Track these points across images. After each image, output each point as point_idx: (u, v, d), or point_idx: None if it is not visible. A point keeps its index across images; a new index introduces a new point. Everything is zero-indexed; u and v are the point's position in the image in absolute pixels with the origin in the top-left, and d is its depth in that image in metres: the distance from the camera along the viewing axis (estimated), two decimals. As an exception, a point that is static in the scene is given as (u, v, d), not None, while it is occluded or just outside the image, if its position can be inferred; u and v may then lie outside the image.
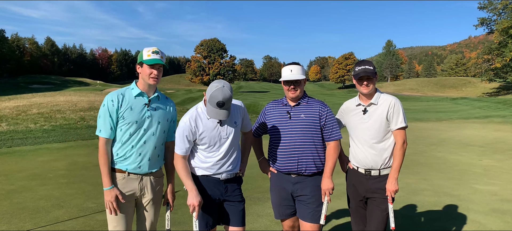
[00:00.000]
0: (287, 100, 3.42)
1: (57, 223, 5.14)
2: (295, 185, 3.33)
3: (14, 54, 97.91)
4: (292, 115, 3.33)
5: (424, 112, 29.75)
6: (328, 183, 3.26)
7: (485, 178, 8.00)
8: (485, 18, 61.34)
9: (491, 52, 61.48)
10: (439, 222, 5.35)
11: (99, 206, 5.90)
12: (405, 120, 3.33)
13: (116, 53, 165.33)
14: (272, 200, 3.56)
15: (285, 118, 3.35)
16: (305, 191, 3.31)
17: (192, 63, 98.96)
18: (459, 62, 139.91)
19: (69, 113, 17.89)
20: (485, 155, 10.81)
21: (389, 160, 3.36)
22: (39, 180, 7.44)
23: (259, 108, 33.42)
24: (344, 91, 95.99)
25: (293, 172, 3.31)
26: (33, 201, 6.13)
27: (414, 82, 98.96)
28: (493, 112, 27.44)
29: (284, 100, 3.46)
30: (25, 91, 52.21)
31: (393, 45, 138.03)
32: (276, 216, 3.55)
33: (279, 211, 3.50)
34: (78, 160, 9.50)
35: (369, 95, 3.38)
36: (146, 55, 2.95)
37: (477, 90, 73.75)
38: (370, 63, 3.37)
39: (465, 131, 16.80)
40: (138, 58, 3.00)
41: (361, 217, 3.56)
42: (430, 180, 7.81)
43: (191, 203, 2.95)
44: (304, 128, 3.28)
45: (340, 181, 3.67)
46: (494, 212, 5.72)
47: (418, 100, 55.05)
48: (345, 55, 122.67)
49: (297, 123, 3.30)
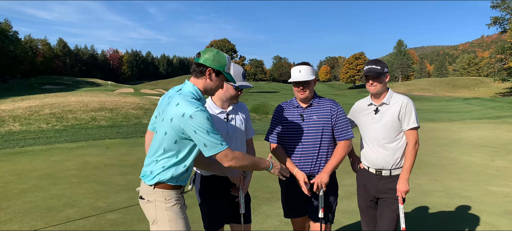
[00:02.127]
0: (298, 102, 3.37)
1: (68, 222, 5.19)
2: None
3: (27, 55, 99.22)
4: (305, 117, 3.28)
5: (436, 113, 29.46)
6: (324, 177, 3.16)
7: (498, 179, 7.88)
8: (498, 17, 60.64)
9: (504, 52, 60.70)
10: (451, 224, 5.28)
11: (109, 205, 5.94)
12: (417, 120, 3.30)
13: (127, 54, 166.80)
14: (282, 199, 3.54)
15: (298, 120, 3.30)
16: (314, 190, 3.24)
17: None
18: (471, 62, 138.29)
19: (80, 114, 18.08)
20: (498, 156, 10.65)
21: (400, 161, 3.33)
22: (51, 180, 7.53)
23: (269, 108, 33.48)
24: (354, 91, 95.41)
25: (306, 174, 3.25)
26: (45, 200, 6.20)
27: (426, 82, 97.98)
28: (507, 113, 27.04)
29: (294, 102, 3.40)
30: (37, 92, 52.94)
31: (404, 45, 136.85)
32: (285, 215, 3.55)
33: (288, 210, 3.48)
34: (89, 160, 9.59)
35: (378, 94, 3.35)
36: (234, 76, 2.97)
37: (490, 90, 72.76)
38: (378, 62, 3.34)
39: (478, 131, 16.57)
40: (219, 66, 2.53)
41: (372, 217, 3.53)
42: (442, 181, 7.72)
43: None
44: (317, 130, 3.23)
45: (351, 181, 3.64)
46: (507, 214, 5.63)
47: (429, 100, 54.52)
48: (355, 55, 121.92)
49: (311, 125, 3.25)
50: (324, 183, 3.16)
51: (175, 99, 2.42)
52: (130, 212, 5.64)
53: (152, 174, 2.49)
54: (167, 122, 2.41)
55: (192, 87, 2.52)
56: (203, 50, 2.54)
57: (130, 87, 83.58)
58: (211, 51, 2.52)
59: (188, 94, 2.47)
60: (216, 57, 2.50)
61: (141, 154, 10.46)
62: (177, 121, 2.35)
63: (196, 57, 2.53)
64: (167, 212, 2.49)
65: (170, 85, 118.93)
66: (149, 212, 2.55)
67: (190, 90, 2.50)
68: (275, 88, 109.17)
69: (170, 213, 2.48)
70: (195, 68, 2.53)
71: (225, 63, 2.54)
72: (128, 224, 5.14)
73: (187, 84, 2.56)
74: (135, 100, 26.09)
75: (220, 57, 2.52)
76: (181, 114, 2.34)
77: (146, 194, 2.54)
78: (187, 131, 2.36)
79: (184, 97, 2.42)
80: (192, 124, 2.32)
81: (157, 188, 2.49)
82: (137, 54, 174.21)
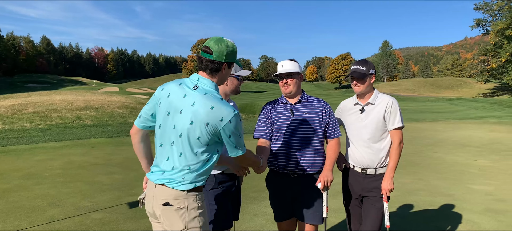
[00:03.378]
0: (286, 98, 3.35)
1: (53, 222, 5.13)
2: (294, 186, 3.25)
3: (10, 53, 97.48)
4: (295, 113, 3.26)
5: (420, 113, 29.88)
6: (329, 175, 3.15)
7: (481, 178, 8.05)
8: (481, 19, 61.76)
9: (487, 53, 61.90)
10: (434, 221, 5.38)
11: (95, 205, 5.89)
12: (402, 120, 3.36)
13: (112, 53, 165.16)
14: (272, 202, 3.46)
15: (287, 116, 3.27)
16: (305, 191, 3.23)
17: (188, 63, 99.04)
18: (455, 63, 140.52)
19: (65, 112, 17.83)
20: (481, 155, 10.87)
21: (385, 160, 3.38)
22: (35, 179, 7.42)
23: (256, 108, 33.42)
24: (340, 92, 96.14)
25: (293, 171, 3.23)
26: (29, 200, 6.11)
27: (411, 82, 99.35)
28: (489, 113, 27.59)
29: (283, 99, 3.38)
30: (21, 90, 52.01)
31: (389, 46, 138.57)
32: (275, 218, 3.46)
33: (278, 213, 3.41)
34: (74, 159, 9.48)
35: (362, 94, 3.40)
36: None
37: (473, 90, 74.13)
38: (364, 63, 3.38)
39: (461, 131, 16.88)
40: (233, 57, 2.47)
41: (357, 215, 3.58)
42: (426, 180, 7.84)
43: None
44: (308, 126, 3.22)
45: (336, 179, 3.68)
46: (489, 212, 5.76)
47: (414, 100, 55.26)
48: (341, 56, 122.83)
49: (301, 121, 3.23)
50: (330, 181, 3.14)
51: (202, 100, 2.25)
52: (116, 211, 5.60)
53: (184, 180, 2.30)
54: (199, 126, 2.23)
55: (212, 84, 2.37)
56: (209, 42, 2.36)
57: (115, 86, 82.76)
58: (220, 43, 2.35)
59: (214, 93, 2.33)
60: (228, 50, 2.36)
61: (127, 153, 10.38)
62: (215, 125, 2.24)
63: (206, 53, 2.35)
64: (199, 217, 2.34)
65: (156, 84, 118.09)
66: (176, 220, 2.29)
67: (212, 89, 2.35)
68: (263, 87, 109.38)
69: (201, 219, 2.35)
70: (209, 64, 2.35)
71: (236, 52, 2.45)
72: (114, 224, 5.10)
73: (204, 81, 2.36)
74: (121, 99, 25.84)
75: (232, 48, 2.39)
76: (220, 118, 2.23)
77: (176, 200, 2.29)
78: (222, 134, 2.28)
79: (215, 98, 2.28)
80: (230, 128, 2.27)
81: (190, 192, 2.32)
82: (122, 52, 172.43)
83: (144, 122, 2.50)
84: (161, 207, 2.31)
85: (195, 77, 2.38)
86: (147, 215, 5.47)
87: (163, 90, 2.41)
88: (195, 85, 2.34)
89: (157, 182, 2.34)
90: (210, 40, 2.36)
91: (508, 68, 56.25)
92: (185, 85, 2.35)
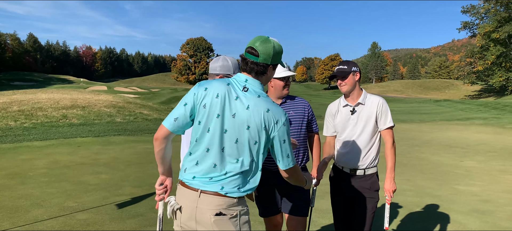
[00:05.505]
0: (272, 99, 3.33)
1: (36, 223, 5.03)
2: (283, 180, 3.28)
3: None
4: None
5: (408, 114, 30.15)
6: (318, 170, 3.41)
7: (467, 179, 8.13)
8: (468, 22, 62.59)
9: (474, 55, 62.84)
10: (421, 222, 5.41)
11: (80, 205, 5.79)
12: (392, 120, 3.37)
13: (100, 51, 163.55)
14: (259, 197, 3.48)
15: None
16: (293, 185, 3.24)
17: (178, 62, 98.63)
18: (442, 65, 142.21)
19: (51, 111, 17.56)
20: (467, 156, 10.99)
21: (375, 160, 3.38)
22: (19, 179, 7.28)
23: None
24: (330, 92, 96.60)
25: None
26: (12, 200, 5.98)
27: (399, 83, 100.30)
28: (475, 114, 27.93)
29: None
30: (6, 88, 51.12)
31: (378, 47, 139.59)
32: (261, 214, 3.54)
33: (266, 209, 3.48)
34: (59, 159, 9.33)
35: (350, 93, 3.39)
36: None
37: (460, 92, 75.13)
38: (344, 62, 3.42)
39: (448, 133, 17.06)
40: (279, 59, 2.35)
41: (345, 217, 3.56)
42: (413, 180, 7.89)
43: None
44: (296, 125, 3.38)
45: (324, 180, 3.68)
46: (475, 212, 5.81)
47: (402, 101, 55.77)
48: (331, 56, 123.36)
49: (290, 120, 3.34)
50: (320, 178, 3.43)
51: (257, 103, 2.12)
52: (102, 212, 5.51)
53: (239, 186, 2.18)
54: (257, 130, 2.11)
55: (260, 85, 2.22)
56: (255, 43, 2.19)
57: (103, 85, 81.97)
58: (266, 44, 2.17)
59: (266, 95, 2.20)
60: (275, 51, 2.20)
61: (114, 153, 10.25)
62: (271, 129, 2.14)
63: (251, 54, 2.18)
64: (249, 221, 2.24)
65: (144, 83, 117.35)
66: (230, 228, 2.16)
67: (262, 91, 2.20)
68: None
69: (249, 222, 2.25)
70: (255, 67, 2.18)
71: (282, 53, 2.30)
72: (99, 224, 5.02)
73: (252, 82, 2.20)
74: (108, 98, 25.56)
75: (278, 49, 2.23)
76: (276, 121, 2.13)
77: (229, 209, 2.15)
78: (276, 139, 2.16)
79: (267, 100, 2.16)
80: (284, 131, 2.16)
81: (241, 199, 2.20)
82: (111, 51, 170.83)
83: (182, 126, 2.21)
84: (213, 217, 2.13)
85: (242, 77, 2.21)
86: (132, 216, 5.40)
87: (207, 90, 2.17)
88: (244, 86, 2.17)
89: (205, 189, 2.15)
90: (255, 40, 2.19)
91: (494, 71, 57.12)
92: (234, 86, 2.18)
